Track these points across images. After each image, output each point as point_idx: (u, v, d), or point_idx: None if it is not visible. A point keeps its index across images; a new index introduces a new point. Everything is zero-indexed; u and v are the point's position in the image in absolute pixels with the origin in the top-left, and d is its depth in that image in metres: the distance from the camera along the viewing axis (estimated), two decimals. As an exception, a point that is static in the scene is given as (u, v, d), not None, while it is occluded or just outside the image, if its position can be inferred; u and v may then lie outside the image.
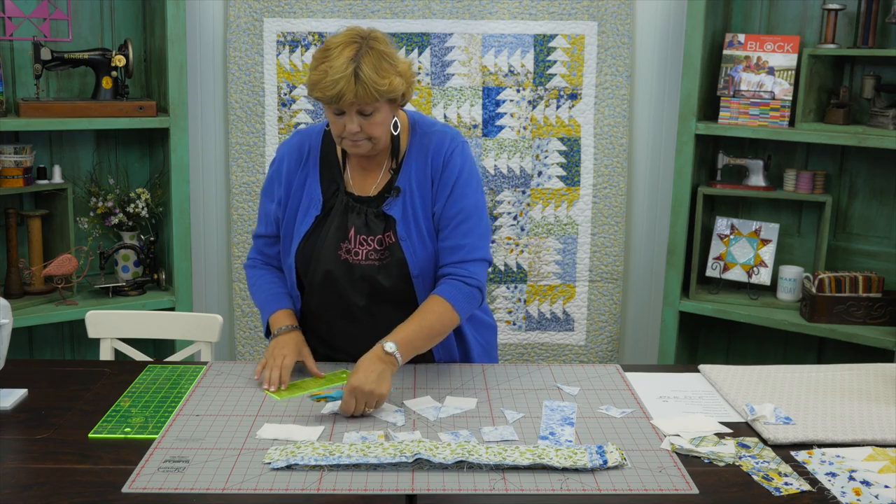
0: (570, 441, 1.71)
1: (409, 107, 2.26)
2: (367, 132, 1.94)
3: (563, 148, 3.46)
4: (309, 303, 2.13)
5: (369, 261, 2.03)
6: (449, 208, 2.03)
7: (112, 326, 2.41)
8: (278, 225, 2.15)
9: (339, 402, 1.82)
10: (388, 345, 1.87)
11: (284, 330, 2.07)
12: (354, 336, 2.08)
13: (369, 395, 1.79)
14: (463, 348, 2.17)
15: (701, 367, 2.11)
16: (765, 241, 3.32)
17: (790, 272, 3.29)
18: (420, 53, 3.38)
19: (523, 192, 3.47)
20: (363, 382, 1.79)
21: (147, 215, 3.32)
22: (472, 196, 2.05)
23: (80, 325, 2.50)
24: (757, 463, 1.64)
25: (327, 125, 2.10)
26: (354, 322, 2.08)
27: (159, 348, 3.31)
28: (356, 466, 1.59)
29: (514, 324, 3.54)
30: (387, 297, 2.05)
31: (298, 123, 3.41)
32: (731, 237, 3.36)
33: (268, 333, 2.13)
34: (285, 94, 3.41)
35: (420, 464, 1.59)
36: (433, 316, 1.96)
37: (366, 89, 1.87)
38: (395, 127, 2.04)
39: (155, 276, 3.36)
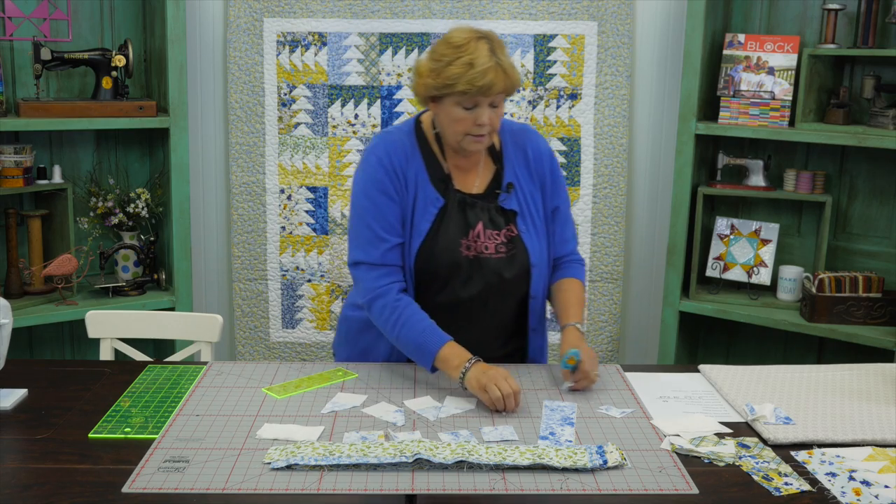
0: (570, 441, 1.71)
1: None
2: (493, 124, 1.99)
3: (564, 148, 3.46)
4: (425, 302, 2.07)
5: (499, 254, 2.07)
6: (562, 203, 2.19)
7: (112, 326, 2.41)
8: (402, 226, 2.06)
9: (336, 405, 1.81)
10: (579, 325, 2.07)
11: (475, 360, 1.92)
12: (465, 332, 2.03)
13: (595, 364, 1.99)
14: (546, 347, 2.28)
15: (701, 367, 2.11)
16: (765, 241, 3.32)
17: (790, 272, 3.29)
18: (420, 53, 3.37)
19: (523, 192, 3.47)
20: (592, 357, 1.98)
21: (147, 215, 3.32)
22: (567, 192, 2.24)
23: (80, 325, 2.50)
24: (757, 463, 1.64)
25: (416, 122, 2.12)
26: (468, 318, 2.08)
27: (159, 348, 3.31)
28: (356, 466, 1.58)
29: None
30: (505, 289, 2.09)
31: (298, 123, 3.41)
32: (731, 237, 3.36)
33: (433, 367, 1.99)
34: (285, 94, 3.41)
35: (420, 464, 1.59)
36: (582, 296, 2.17)
37: (510, 80, 1.96)
38: None
39: (155, 276, 3.36)
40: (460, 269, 2.05)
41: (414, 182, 2.07)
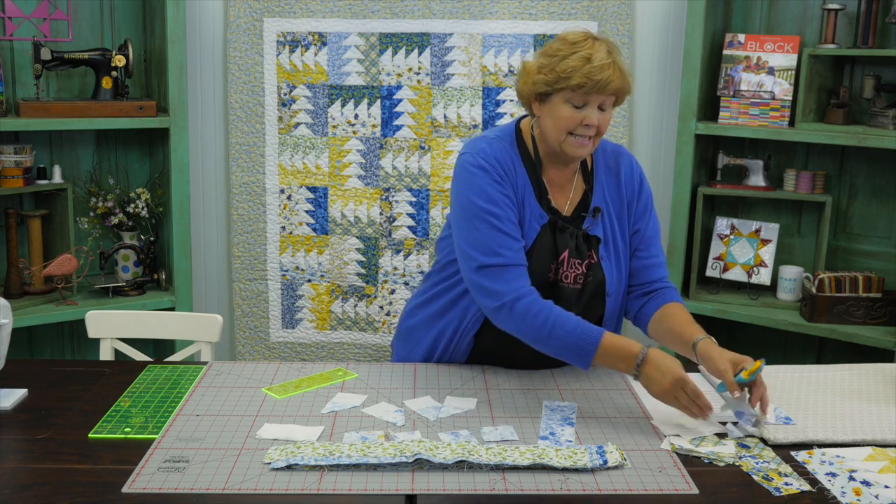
0: (570, 441, 1.71)
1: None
2: (600, 127, 1.94)
3: (563, 148, 3.45)
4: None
5: (576, 284, 2.01)
6: (650, 227, 2.12)
7: (112, 326, 2.41)
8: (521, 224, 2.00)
9: (336, 405, 1.81)
10: (708, 338, 1.93)
11: (647, 350, 1.86)
12: (519, 347, 1.98)
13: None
14: None
15: (701, 367, 2.11)
16: (765, 241, 3.32)
17: (790, 272, 3.29)
18: (420, 53, 3.38)
19: (523, 192, 3.47)
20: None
21: (147, 215, 3.32)
22: (656, 216, 2.17)
23: (80, 325, 2.50)
24: (757, 463, 1.64)
25: (516, 129, 2.05)
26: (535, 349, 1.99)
27: (159, 348, 3.31)
28: (356, 466, 1.59)
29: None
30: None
31: (298, 123, 3.41)
32: (731, 237, 3.36)
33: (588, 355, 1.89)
34: (285, 94, 3.41)
35: (420, 464, 1.59)
36: (691, 317, 2.05)
37: (625, 81, 1.93)
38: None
39: (155, 276, 3.36)
40: (544, 291, 1.96)
41: (522, 192, 1.99)
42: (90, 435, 1.72)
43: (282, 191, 3.46)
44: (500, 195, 1.95)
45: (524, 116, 2.09)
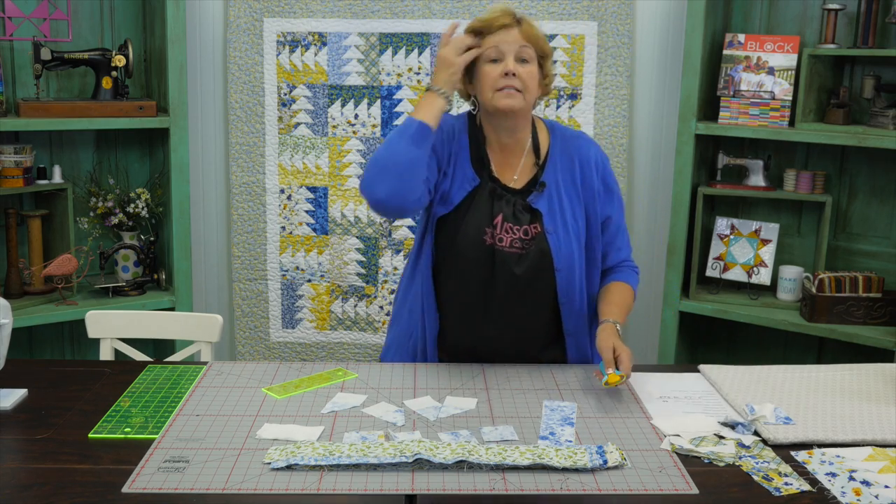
0: (570, 441, 1.71)
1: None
2: (523, 80, 2.03)
3: (563, 148, 3.45)
4: (442, 290, 2.13)
5: (513, 248, 2.08)
6: (615, 213, 2.20)
7: (112, 326, 2.41)
8: (435, 169, 2.09)
9: (336, 405, 1.81)
10: (618, 324, 2.05)
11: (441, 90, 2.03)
12: (497, 333, 2.10)
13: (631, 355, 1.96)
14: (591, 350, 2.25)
15: (701, 367, 2.11)
16: (765, 241, 3.32)
17: (790, 272, 3.29)
18: (420, 53, 3.38)
19: (523, 192, 3.47)
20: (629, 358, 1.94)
21: (147, 215, 3.32)
22: (622, 201, 2.26)
23: (80, 325, 2.50)
24: (757, 463, 1.64)
25: (469, 113, 2.18)
26: (493, 318, 2.10)
27: (159, 348, 3.31)
28: (356, 466, 1.59)
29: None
30: (521, 287, 2.08)
31: (298, 123, 3.41)
32: (731, 237, 3.36)
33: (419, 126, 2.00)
34: (285, 94, 3.41)
35: (420, 464, 1.59)
36: (626, 296, 2.16)
37: (530, 27, 2.08)
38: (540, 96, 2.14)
39: (155, 276, 3.36)
40: (478, 256, 2.07)
41: (456, 155, 2.12)
42: (90, 435, 1.72)
43: (282, 191, 3.46)
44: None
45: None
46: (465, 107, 2.19)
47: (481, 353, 2.13)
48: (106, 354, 2.40)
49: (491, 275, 2.08)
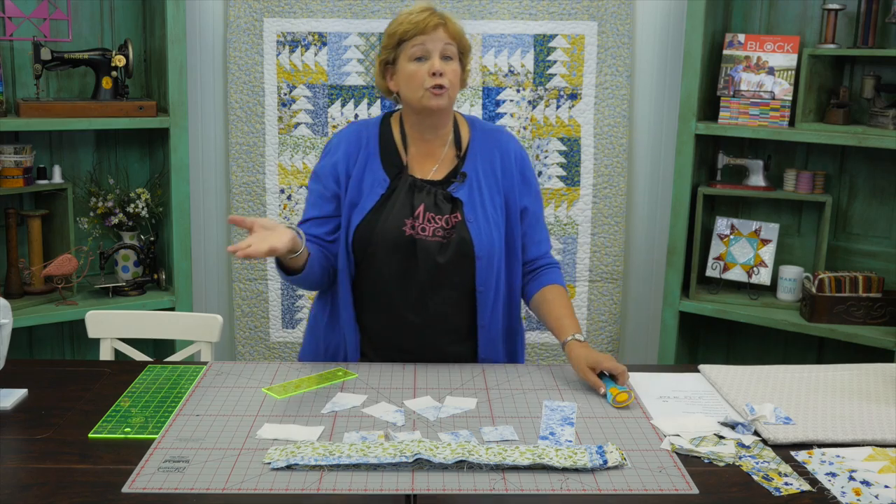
0: (570, 441, 1.71)
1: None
2: (448, 78, 2.07)
3: (563, 148, 3.46)
4: (362, 290, 2.16)
5: (435, 237, 2.11)
6: (533, 205, 2.24)
7: (112, 326, 2.41)
8: (336, 203, 2.18)
9: (336, 405, 1.81)
10: (578, 336, 2.07)
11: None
12: (403, 327, 2.13)
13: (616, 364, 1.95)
14: (511, 349, 2.27)
15: (701, 367, 2.11)
16: (765, 241, 3.32)
17: (790, 272, 3.29)
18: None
19: (523, 192, 3.47)
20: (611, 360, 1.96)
21: (147, 215, 3.32)
22: (541, 195, 2.29)
23: (80, 325, 2.50)
24: (757, 463, 1.64)
25: (384, 117, 2.24)
26: (407, 310, 2.12)
27: (159, 348, 3.31)
28: (356, 466, 1.58)
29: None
30: (443, 276, 2.11)
31: (298, 123, 3.41)
32: (731, 237, 3.36)
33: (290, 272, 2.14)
34: (285, 94, 3.41)
35: (420, 464, 1.59)
36: (568, 302, 2.19)
37: (453, 24, 2.11)
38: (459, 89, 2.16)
39: (155, 276, 3.36)
40: (399, 248, 2.09)
41: (363, 166, 2.16)
42: (90, 435, 1.72)
43: (282, 191, 3.46)
44: (331, 169, 2.18)
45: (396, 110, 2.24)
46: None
47: (405, 346, 2.15)
48: (106, 354, 2.40)
49: (413, 265, 2.10)
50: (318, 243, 2.18)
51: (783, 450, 1.70)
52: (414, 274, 2.11)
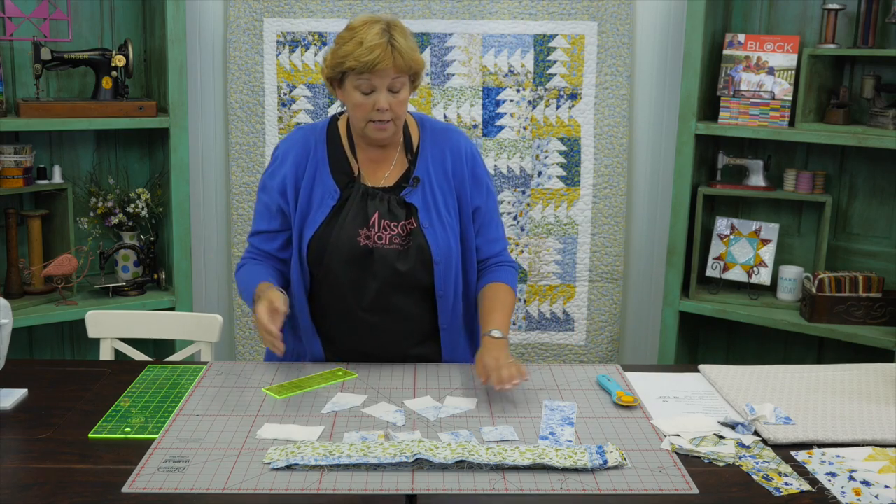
0: (570, 441, 1.71)
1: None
2: (395, 111, 2.01)
3: (563, 148, 3.46)
4: (319, 297, 2.13)
5: (392, 245, 2.08)
6: (486, 204, 2.18)
7: (112, 326, 2.41)
8: (284, 217, 2.14)
9: (336, 405, 1.82)
10: (495, 332, 2.00)
11: (265, 290, 2.00)
12: (364, 331, 2.11)
13: (510, 366, 1.88)
14: (475, 348, 2.19)
15: (701, 367, 2.11)
16: (765, 241, 3.32)
17: (790, 272, 3.29)
18: (420, 54, 3.37)
19: (523, 192, 3.47)
20: (498, 361, 1.90)
21: (147, 215, 3.32)
22: (494, 192, 2.23)
23: (80, 325, 2.50)
24: (757, 463, 1.64)
25: (331, 120, 2.18)
26: (366, 315, 2.10)
27: (159, 348, 3.31)
28: (356, 466, 1.59)
29: (514, 324, 3.54)
30: (403, 284, 2.09)
31: (298, 123, 3.41)
32: (731, 237, 3.36)
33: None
34: (285, 94, 3.41)
35: (420, 464, 1.59)
36: (508, 300, 2.14)
37: (402, 57, 1.99)
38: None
39: (155, 276, 3.36)
40: (355, 259, 2.06)
41: (312, 177, 2.11)
42: (90, 435, 1.72)
43: (282, 191, 3.45)
44: (277, 181, 2.12)
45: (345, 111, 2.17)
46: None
47: (367, 350, 2.13)
48: (106, 354, 2.40)
49: (370, 273, 2.07)
50: (270, 259, 2.17)
51: (783, 450, 1.70)
52: (371, 281, 2.08)
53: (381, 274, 2.07)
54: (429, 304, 2.14)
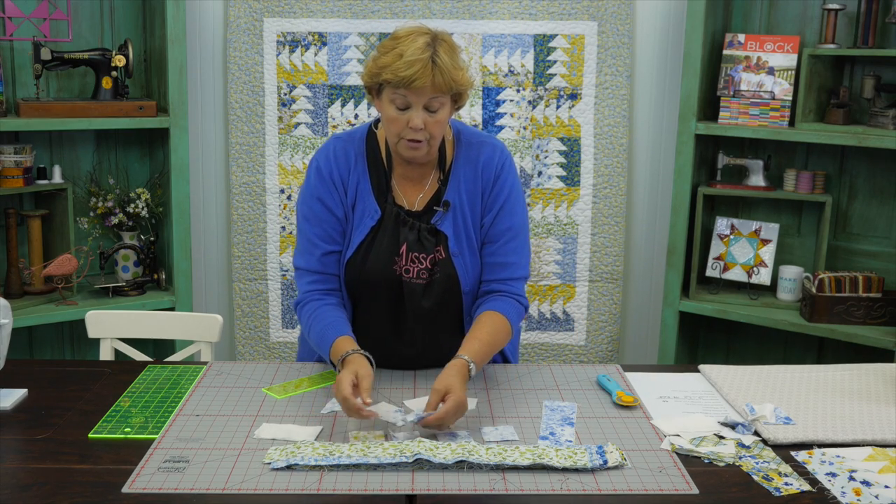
0: (570, 441, 1.71)
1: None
2: (430, 130, 1.89)
3: (563, 148, 3.46)
4: (356, 317, 2.07)
5: (419, 279, 2.00)
6: (498, 224, 2.02)
7: (112, 326, 2.41)
8: (344, 233, 2.01)
9: (335, 405, 1.82)
10: (466, 357, 1.84)
11: (345, 358, 1.84)
12: (409, 350, 2.05)
13: (456, 414, 1.73)
14: (503, 353, 2.17)
15: (701, 367, 2.11)
16: (765, 241, 3.32)
17: (790, 272, 3.29)
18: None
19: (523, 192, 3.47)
20: (449, 395, 1.72)
21: (147, 215, 3.32)
22: (521, 214, 2.05)
23: (80, 325, 2.50)
24: (757, 463, 1.64)
25: (370, 127, 2.07)
26: (400, 338, 2.04)
27: (159, 348, 3.31)
28: (356, 466, 1.59)
29: (514, 324, 3.53)
30: (431, 317, 2.02)
31: (298, 123, 3.41)
32: (731, 237, 3.36)
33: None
34: (285, 94, 3.41)
35: (420, 464, 1.60)
36: (499, 334, 1.96)
37: (443, 76, 1.85)
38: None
39: (155, 276, 3.36)
40: (388, 287, 1.99)
41: (354, 191, 2.01)
42: (90, 435, 1.72)
43: (282, 191, 3.46)
44: (318, 204, 2.01)
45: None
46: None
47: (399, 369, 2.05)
48: (106, 354, 2.40)
49: (402, 302, 2.01)
50: (335, 294, 2.03)
51: (783, 450, 1.70)
52: (402, 311, 2.02)
53: (409, 306, 2.01)
54: (458, 327, 2.06)
